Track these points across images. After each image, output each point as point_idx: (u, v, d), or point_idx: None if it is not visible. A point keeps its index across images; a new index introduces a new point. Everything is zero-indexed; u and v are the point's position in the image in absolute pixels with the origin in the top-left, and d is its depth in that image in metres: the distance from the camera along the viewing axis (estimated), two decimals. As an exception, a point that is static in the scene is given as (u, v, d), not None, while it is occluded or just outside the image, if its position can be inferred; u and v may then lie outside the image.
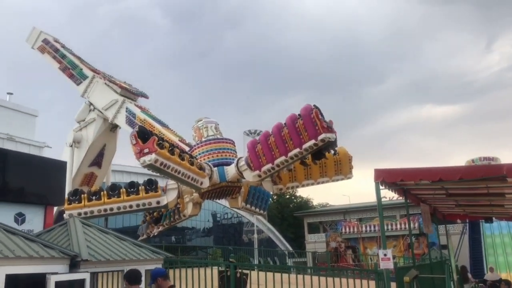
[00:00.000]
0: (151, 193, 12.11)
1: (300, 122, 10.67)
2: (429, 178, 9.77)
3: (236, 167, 12.33)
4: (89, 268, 6.52)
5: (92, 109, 18.28)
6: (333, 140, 10.53)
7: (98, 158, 18.79)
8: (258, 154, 11.54)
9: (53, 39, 19.52)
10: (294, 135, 10.77)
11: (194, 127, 13.83)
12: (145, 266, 7.51)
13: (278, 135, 11.06)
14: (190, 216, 14.91)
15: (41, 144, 23.73)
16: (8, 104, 23.61)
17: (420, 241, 34.19)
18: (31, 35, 19.70)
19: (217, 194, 13.31)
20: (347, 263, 33.65)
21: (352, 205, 55.21)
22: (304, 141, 10.64)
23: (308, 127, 10.51)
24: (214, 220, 58.41)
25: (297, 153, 10.85)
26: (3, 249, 5.54)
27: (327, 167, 14.03)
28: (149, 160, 9.81)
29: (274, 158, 11.22)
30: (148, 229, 16.25)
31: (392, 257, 9.85)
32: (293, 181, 13.96)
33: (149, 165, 9.98)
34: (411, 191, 12.09)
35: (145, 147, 9.86)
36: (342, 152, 14.10)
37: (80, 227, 7.42)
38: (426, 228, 13.83)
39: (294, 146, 10.82)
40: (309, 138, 10.53)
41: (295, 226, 68.51)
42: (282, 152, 11.03)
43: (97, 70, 18.81)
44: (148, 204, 12.05)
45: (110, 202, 12.21)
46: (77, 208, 12.28)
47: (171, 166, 10.39)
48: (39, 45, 19.30)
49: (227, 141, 13.40)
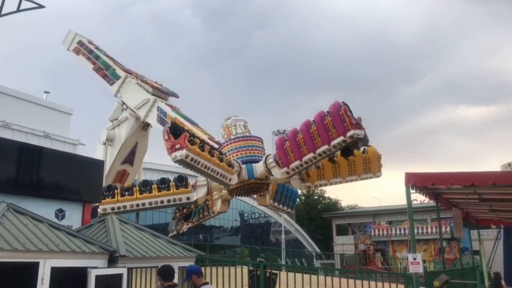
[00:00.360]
0: (182, 189, 12.47)
1: (329, 119, 10.72)
2: (460, 183, 9.66)
3: (264, 164, 12.51)
4: (126, 263, 6.82)
5: (124, 108, 18.83)
6: (361, 136, 10.55)
7: (130, 156, 19.34)
8: (286, 151, 11.67)
9: (88, 41, 20.20)
10: (322, 132, 10.83)
11: (223, 125, 14.12)
12: (178, 263, 7.77)
13: (306, 132, 11.15)
14: (219, 213, 15.20)
15: (75, 141, 24.48)
16: (45, 102, 24.47)
17: (451, 246, 33.50)
18: (67, 38, 20.48)
19: (246, 191, 13.52)
20: (375, 266, 33.30)
21: (382, 207, 54.53)
22: (332, 137, 10.70)
23: (337, 123, 10.55)
24: (241, 219, 58.79)
25: (325, 150, 10.92)
26: (49, 243, 5.90)
27: (356, 165, 13.97)
28: (180, 155, 10.10)
29: (303, 155, 11.32)
30: (178, 226, 16.64)
31: (422, 261, 9.81)
32: (321, 179, 13.98)
33: (180, 160, 10.26)
34: (443, 195, 11.96)
35: (176, 143, 10.16)
36: (371, 151, 14.03)
37: (117, 224, 7.76)
38: (458, 233, 13.63)
39: (322, 143, 10.89)
40: (338, 135, 10.58)
41: (323, 227, 68.15)
42: (310, 149, 11.11)
43: (130, 71, 19.36)
44: (178, 200, 12.42)
45: (142, 198, 12.70)
46: (110, 203, 12.84)
47: (201, 162, 10.66)
48: (74, 47, 20.05)
49: (256, 139, 13.62)
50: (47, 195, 9.47)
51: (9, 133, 20.08)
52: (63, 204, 9.79)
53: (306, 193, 78.71)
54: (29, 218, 6.44)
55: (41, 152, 9.94)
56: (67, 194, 9.86)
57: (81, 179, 10.26)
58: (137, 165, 20.03)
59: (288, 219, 55.21)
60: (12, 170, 8.97)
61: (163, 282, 5.50)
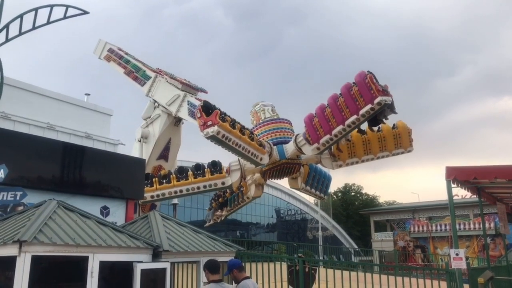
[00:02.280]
0: (216, 174, 12.69)
1: (355, 89, 10.72)
2: (505, 177, 9.38)
3: (295, 143, 12.58)
4: (170, 258, 7.03)
5: (156, 106, 19.37)
6: (389, 102, 10.45)
7: (165, 151, 19.81)
8: (315, 126, 11.71)
9: (117, 48, 20.94)
10: (350, 103, 10.84)
11: (252, 111, 14.29)
12: (218, 258, 7.92)
13: (334, 105, 11.19)
14: (254, 198, 15.36)
15: (116, 141, 25.22)
16: (86, 104, 25.32)
17: (496, 243, 32.38)
18: (98, 47, 21.34)
19: (278, 173, 13.59)
20: (416, 263, 32.63)
21: (422, 203, 53.30)
22: (360, 107, 10.70)
23: (364, 92, 10.54)
24: (277, 216, 58.93)
25: (354, 120, 10.93)
26: (97, 239, 6.17)
27: (387, 141, 13.83)
28: (212, 131, 10.28)
29: (332, 128, 11.36)
30: (215, 215, 16.92)
31: (465, 258, 9.58)
32: (353, 156, 13.88)
33: (211, 136, 10.42)
34: (486, 190, 11.62)
35: (208, 120, 10.36)
36: (401, 126, 13.83)
37: (160, 220, 8.00)
38: (503, 229, 13.21)
39: (350, 114, 10.90)
40: (365, 103, 10.56)
41: (361, 224, 67.36)
42: (339, 121, 11.13)
43: (158, 70, 19.88)
44: (214, 185, 12.65)
45: (179, 185, 13.01)
46: (149, 192, 13.20)
47: (232, 139, 10.80)
48: (105, 54, 20.84)
49: (284, 121, 13.75)
50: (92, 193, 9.87)
51: (53, 134, 20.94)
52: (108, 201, 10.18)
53: (343, 189, 78.03)
54: (77, 215, 6.75)
55: (85, 152, 10.35)
56: (111, 192, 10.24)
57: (123, 177, 10.62)
58: (172, 160, 20.52)
59: (324, 215, 54.91)
60: (59, 170, 9.41)
61: (210, 274, 5.66)
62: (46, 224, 5.94)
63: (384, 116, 11.57)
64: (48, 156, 9.20)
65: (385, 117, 11.64)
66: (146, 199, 13.36)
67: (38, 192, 8.48)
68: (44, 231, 5.74)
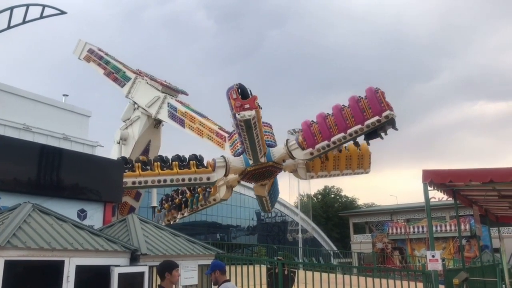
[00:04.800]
0: (202, 168, 12.49)
1: (365, 101, 11.22)
2: (479, 180, 9.61)
3: (286, 147, 12.67)
4: (148, 261, 6.97)
5: (136, 107, 19.20)
6: (395, 117, 10.98)
7: (144, 154, 19.64)
8: (313, 132, 11.96)
9: (97, 49, 20.71)
10: (356, 113, 11.36)
11: None
12: (197, 261, 7.91)
13: (338, 114, 11.57)
14: (222, 200, 15.21)
15: (94, 143, 24.88)
16: (64, 105, 24.92)
17: (471, 244, 33.11)
18: (77, 47, 21.05)
19: (258, 176, 13.64)
20: (394, 265, 33.07)
21: (400, 205, 54.10)
22: (367, 117, 11.14)
23: (373, 104, 11.22)
24: (258, 219, 58.94)
25: (357, 129, 11.45)
26: (73, 242, 6.07)
27: (352, 160, 14.57)
28: (249, 115, 10.17)
29: (332, 135, 11.66)
30: (167, 217, 16.32)
31: (442, 259, 9.77)
32: (323, 170, 14.39)
33: (246, 120, 10.29)
34: (461, 192, 11.88)
35: (246, 103, 10.29)
36: (364, 148, 14.51)
37: (138, 223, 7.92)
38: (479, 230, 13.57)
39: (355, 123, 11.31)
40: (373, 115, 11.09)
41: (340, 226, 67.95)
42: (342, 129, 11.50)
43: (139, 71, 19.73)
44: (199, 179, 12.38)
45: (164, 174, 12.38)
46: (131, 177, 12.31)
47: (257, 129, 10.89)
48: (84, 55, 20.58)
49: (266, 125, 13.86)
50: (69, 195, 9.69)
51: (30, 136, 20.54)
52: (85, 205, 10.00)
53: (323, 192, 78.59)
54: (53, 218, 6.63)
55: (62, 154, 10.17)
56: (88, 195, 10.07)
57: (101, 179, 10.45)
58: (151, 163, 20.38)
59: (304, 217, 55.20)
60: (35, 172, 9.21)
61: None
62: (20, 228, 5.82)
63: (385, 131, 11.93)
64: (23, 158, 9.00)
65: (385, 132, 12.02)
66: (126, 184, 12.30)
67: (13, 195, 8.29)
68: (18, 235, 5.62)
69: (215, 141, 14.59)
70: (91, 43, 21.08)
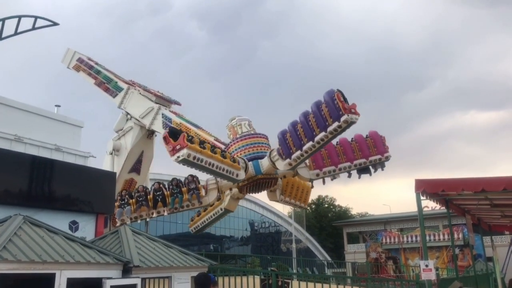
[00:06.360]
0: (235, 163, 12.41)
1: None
2: (471, 189, 9.65)
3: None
4: (140, 274, 6.91)
5: (129, 118, 19.10)
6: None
7: (137, 164, 19.53)
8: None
9: (87, 58, 20.57)
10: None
11: (228, 125, 14.26)
12: (191, 273, 7.85)
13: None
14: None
15: (86, 154, 24.69)
16: (56, 116, 24.75)
17: (464, 253, 33.10)
18: (66, 56, 20.90)
19: (255, 187, 13.61)
20: (388, 274, 32.99)
21: (393, 215, 54.16)
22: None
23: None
24: (251, 229, 58.67)
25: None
26: (64, 255, 6.01)
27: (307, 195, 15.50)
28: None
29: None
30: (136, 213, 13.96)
31: (435, 268, 9.78)
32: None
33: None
34: (454, 202, 11.92)
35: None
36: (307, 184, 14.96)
37: (130, 235, 7.86)
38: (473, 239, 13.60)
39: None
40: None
41: (334, 236, 67.79)
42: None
43: (131, 82, 19.65)
44: (231, 174, 12.34)
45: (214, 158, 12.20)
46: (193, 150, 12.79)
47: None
48: (74, 64, 20.42)
49: (261, 136, 13.83)
50: (61, 207, 9.61)
51: (21, 147, 20.34)
52: (77, 216, 9.93)
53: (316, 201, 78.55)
54: (45, 230, 6.57)
55: (54, 165, 10.11)
56: (80, 206, 10.00)
57: (93, 191, 10.40)
58: (144, 174, 20.21)
59: (298, 227, 55.05)
60: (26, 183, 9.14)
61: None
62: (10, 241, 5.75)
63: (375, 170, 13.22)
64: (14, 169, 8.93)
65: (375, 170, 13.23)
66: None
67: (3, 207, 8.20)
68: (9, 248, 5.56)
69: None
70: (80, 52, 20.96)
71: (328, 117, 11.00)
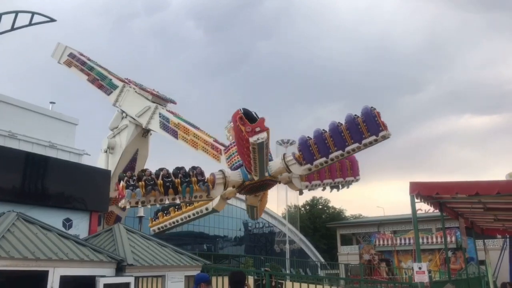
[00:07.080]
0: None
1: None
2: (465, 192, 9.70)
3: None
4: (134, 272, 6.89)
5: (124, 116, 18.98)
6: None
7: (132, 163, 19.42)
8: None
9: (79, 53, 20.33)
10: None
11: (228, 127, 14.19)
12: (184, 272, 7.84)
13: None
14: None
15: (81, 151, 24.55)
16: (50, 113, 24.59)
17: (457, 256, 33.24)
18: (56, 51, 20.59)
19: (255, 188, 13.63)
20: (381, 276, 33.08)
21: (387, 217, 54.30)
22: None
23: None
24: (245, 229, 58.65)
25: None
26: (58, 252, 5.98)
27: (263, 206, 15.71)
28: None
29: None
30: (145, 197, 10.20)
31: (428, 271, 9.80)
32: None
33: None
34: (447, 205, 11.97)
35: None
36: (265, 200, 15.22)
37: (124, 233, 7.84)
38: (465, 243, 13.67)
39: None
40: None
41: (327, 237, 67.88)
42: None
43: (126, 80, 19.51)
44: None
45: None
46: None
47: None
48: (65, 59, 20.13)
49: None
50: (55, 204, 9.56)
51: (15, 143, 20.19)
52: (71, 214, 9.88)
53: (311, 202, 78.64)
54: (38, 227, 6.53)
55: (48, 162, 10.06)
56: (74, 204, 9.95)
57: (88, 188, 10.35)
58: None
59: (292, 228, 55.08)
60: (20, 180, 9.08)
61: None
62: (3, 237, 5.72)
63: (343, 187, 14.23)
64: (8, 166, 8.87)
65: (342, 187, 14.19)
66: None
67: (-3, 204, 8.14)
68: (2, 245, 5.52)
69: (211, 154, 14.49)
70: (74, 48, 20.76)
71: (365, 131, 11.36)
